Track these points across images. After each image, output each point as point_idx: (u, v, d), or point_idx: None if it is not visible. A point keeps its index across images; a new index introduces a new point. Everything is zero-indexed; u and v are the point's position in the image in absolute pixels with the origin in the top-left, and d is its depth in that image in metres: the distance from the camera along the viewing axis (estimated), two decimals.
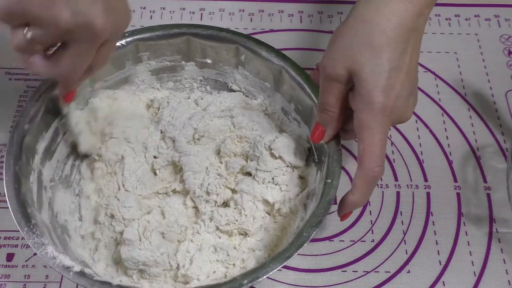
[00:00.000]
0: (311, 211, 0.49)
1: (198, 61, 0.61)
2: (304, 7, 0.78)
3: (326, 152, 0.52)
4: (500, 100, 0.70)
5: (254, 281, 0.44)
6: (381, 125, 0.45)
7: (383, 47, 0.45)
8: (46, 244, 0.45)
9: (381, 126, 0.45)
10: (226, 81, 0.62)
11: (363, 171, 0.46)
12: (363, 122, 0.46)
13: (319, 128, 0.51)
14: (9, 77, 0.69)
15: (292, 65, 0.56)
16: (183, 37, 0.58)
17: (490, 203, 0.62)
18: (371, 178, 0.46)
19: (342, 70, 0.46)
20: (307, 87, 0.55)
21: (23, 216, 0.46)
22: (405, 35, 0.45)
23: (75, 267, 0.44)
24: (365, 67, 0.45)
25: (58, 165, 0.56)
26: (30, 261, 0.56)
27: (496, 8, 0.78)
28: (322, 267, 0.57)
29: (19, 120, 0.51)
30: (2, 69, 0.69)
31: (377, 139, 0.45)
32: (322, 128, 0.51)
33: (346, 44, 0.46)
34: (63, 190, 0.56)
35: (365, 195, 0.47)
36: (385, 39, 0.45)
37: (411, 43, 0.46)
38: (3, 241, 0.57)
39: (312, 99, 0.55)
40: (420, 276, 0.57)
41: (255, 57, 0.58)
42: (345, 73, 0.46)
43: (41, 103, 0.52)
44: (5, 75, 0.69)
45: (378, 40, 0.45)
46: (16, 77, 0.68)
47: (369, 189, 0.47)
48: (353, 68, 0.46)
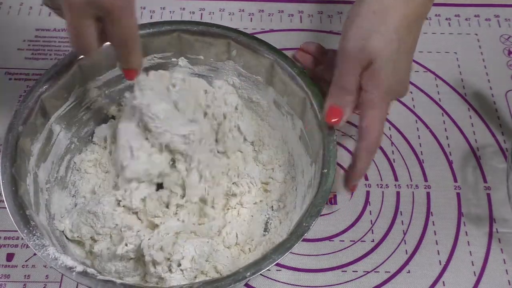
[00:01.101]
0: (309, 201, 0.49)
1: (189, 58, 0.61)
2: (304, 7, 0.78)
3: (322, 143, 0.52)
4: (500, 100, 0.70)
5: (257, 273, 0.44)
6: (384, 104, 0.50)
7: (398, 30, 0.47)
8: (47, 245, 0.45)
9: (384, 105, 0.50)
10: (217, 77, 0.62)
11: (366, 144, 0.50)
12: (370, 102, 0.49)
13: (337, 109, 0.51)
14: (9, 77, 0.69)
15: (284, 58, 0.56)
16: (174, 33, 0.58)
17: (490, 203, 0.62)
18: (373, 149, 0.50)
19: (363, 52, 0.48)
20: (299, 80, 0.55)
21: (22, 218, 0.46)
22: (414, 19, 0.49)
23: (77, 267, 0.44)
24: (383, 51, 0.47)
25: (53, 166, 0.56)
26: (30, 261, 0.56)
27: (496, 8, 0.78)
28: (322, 267, 0.57)
29: (13, 122, 0.50)
30: (2, 69, 0.69)
31: (380, 116, 0.50)
32: (340, 109, 0.51)
33: (365, 25, 0.48)
34: (59, 191, 0.56)
35: (368, 164, 0.51)
36: (399, 22, 0.47)
37: (415, 27, 0.50)
38: (3, 241, 0.57)
39: (304, 91, 0.55)
40: (420, 276, 0.57)
41: (246, 51, 0.58)
42: (365, 55, 0.48)
43: (34, 104, 0.52)
44: (5, 75, 0.69)
45: (393, 23, 0.47)
46: (16, 77, 0.69)
47: (370, 159, 0.51)
48: (371, 50, 0.47)
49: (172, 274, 0.49)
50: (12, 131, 0.50)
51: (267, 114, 0.62)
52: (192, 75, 0.60)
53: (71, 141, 0.58)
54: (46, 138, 0.54)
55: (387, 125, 0.67)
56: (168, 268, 0.49)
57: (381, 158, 0.64)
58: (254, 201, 0.58)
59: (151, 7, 0.77)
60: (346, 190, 0.54)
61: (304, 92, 0.55)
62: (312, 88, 0.54)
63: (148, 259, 0.49)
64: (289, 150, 0.60)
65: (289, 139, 0.60)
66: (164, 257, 0.49)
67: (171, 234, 0.50)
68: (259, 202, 0.58)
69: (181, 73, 0.58)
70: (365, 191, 0.62)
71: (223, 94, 0.60)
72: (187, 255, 0.49)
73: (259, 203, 0.58)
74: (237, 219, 0.56)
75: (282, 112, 0.60)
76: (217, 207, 0.56)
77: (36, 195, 0.51)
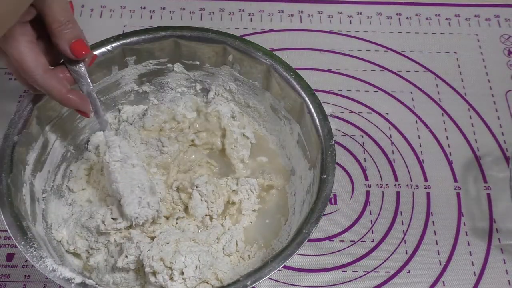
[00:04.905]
0: (308, 207, 0.49)
1: (185, 63, 0.60)
2: (304, 7, 0.78)
3: (320, 149, 0.52)
4: (500, 100, 0.70)
5: (258, 281, 0.44)
6: None
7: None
8: (44, 257, 0.45)
9: None
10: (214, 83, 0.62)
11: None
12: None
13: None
14: (9, 77, 0.69)
15: (280, 62, 0.56)
16: (169, 39, 0.57)
17: (490, 203, 0.62)
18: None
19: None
20: (296, 84, 0.55)
21: (19, 229, 0.45)
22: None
23: (76, 279, 0.44)
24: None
25: (49, 175, 0.55)
26: (30, 261, 0.56)
27: (496, 8, 0.78)
28: (322, 267, 0.57)
29: (8, 132, 0.50)
30: (2, 69, 0.69)
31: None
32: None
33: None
34: (55, 200, 0.56)
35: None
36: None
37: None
38: (3, 241, 0.57)
39: (301, 96, 0.54)
40: (420, 276, 0.57)
41: (242, 56, 0.57)
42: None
43: (29, 112, 0.51)
44: (5, 75, 0.69)
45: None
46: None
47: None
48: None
49: (174, 283, 0.48)
50: (7, 141, 0.49)
51: (264, 119, 0.62)
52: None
53: (67, 149, 0.58)
54: (42, 147, 0.53)
55: (387, 125, 0.67)
56: (170, 277, 0.49)
57: (381, 158, 0.64)
58: (253, 208, 0.57)
59: (151, 7, 0.77)
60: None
61: (301, 97, 0.55)
62: (308, 92, 0.54)
63: (149, 270, 0.49)
64: (287, 155, 0.60)
65: (287, 144, 0.60)
66: (165, 266, 0.49)
67: (171, 242, 0.50)
68: (258, 209, 0.58)
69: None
70: (365, 191, 0.62)
71: (213, 109, 0.61)
72: (189, 264, 0.49)
73: (258, 210, 0.58)
74: (237, 227, 0.56)
75: (279, 117, 0.60)
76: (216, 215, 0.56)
77: (32, 205, 0.51)
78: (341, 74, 0.71)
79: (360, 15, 0.77)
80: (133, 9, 0.76)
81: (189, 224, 0.54)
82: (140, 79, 0.61)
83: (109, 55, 0.56)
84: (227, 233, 0.55)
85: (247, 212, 0.57)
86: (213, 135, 0.61)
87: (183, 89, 0.63)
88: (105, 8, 0.76)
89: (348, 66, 0.72)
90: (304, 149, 0.56)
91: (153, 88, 0.63)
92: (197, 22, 0.75)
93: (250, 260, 0.54)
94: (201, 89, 0.63)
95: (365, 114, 0.68)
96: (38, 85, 0.45)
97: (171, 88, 0.63)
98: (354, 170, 0.64)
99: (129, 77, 0.60)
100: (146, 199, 0.51)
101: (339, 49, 0.73)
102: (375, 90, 0.70)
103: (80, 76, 0.48)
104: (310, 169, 0.54)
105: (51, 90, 0.46)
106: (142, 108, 0.63)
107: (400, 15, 0.77)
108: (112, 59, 0.57)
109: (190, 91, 0.64)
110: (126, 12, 0.76)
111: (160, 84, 0.63)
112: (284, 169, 0.60)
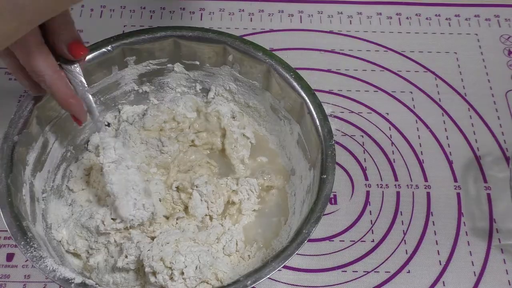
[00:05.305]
0: (308, 207, 0.49)
1: (185, 63, 0.60)
2: (304, 7, 0.78)
3: (320, 149, 0.52)
4: (500, 100, 0.70)
5: (258, 281, 0.44)
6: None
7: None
8: (44, 257, 0.45)
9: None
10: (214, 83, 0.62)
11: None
12: None
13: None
14: (9, 77, 0.69)
15: (280, 62, 0.56)
16: (169, 39, 0.57)
17: (490, 203, 0.62)
18: None
19: None
20: (296, 84, 0.55)
21: (19, 229, 0.45)
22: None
23: (76, 279, 0.44)
24: None
25: (49, 175, 0.55)
26: (30, 261, 0.56)
27: (496, 8, 0.78)
28: (322, 267, 0.57)
29: (8, 132, 0.50)
30: (2, 69, 0.69)
31: None
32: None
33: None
34: (55, 200, 0.56)
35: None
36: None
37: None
38: (3, 241, 0.57)
39: (301, 96, 0.54)
40: (420, 276, 0.57)
41: (242, 56, 0.57)
42: None
43: (29, 113, 0.51)
44: (5, 75, 0.69)
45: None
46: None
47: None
48: None
49: (174, 283, 0.48)
50: (7, 141, 0.49)
51: (264, 119, 0.62)
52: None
53: (66, 149, 0.58)
54: (42, 147, 0.53)
55: (387, 125, 0.67)
56: (170, 277, 0.49)
57: (381, 158, 0.64)
58: (253, 208, 0.57)
59: (151, 7, 0.77)
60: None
61: (301, 97, 0.55)
62: (308, 92, 0.54)
63: (149, 270, 0.48)
64: (287, 155, 0.60)
65: (287, 144, 0.60)
66: (165, 266, 0.49)
67: (171, 242, 0.50)
68: (258, 209, 0.58)
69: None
70: (365, 191, 0.62)
71: (213, 109, 0.61)
72: (190, 264, 0.49)
73: (258, 210, 0.58)
74: (237, 227, 0.56)
75: (279, 117, 0.60)
76: (216, 215, 0.56)
77: (32, 205, 0.51)
78: (341, 74, 0.71)
79: (360, 15, 0.77)
80: (133, 9, 0.76)
81: (189, 224, 0.54)
82: (140, 79, 0.61)
83: (109, 55, 0.56)
84: (227, 233, 0.55)
85: (247, 212, 0.57)
86: (213, 135, 0.61)
87: (183, 89, 0.64)
88: (105, 8, 0.76)
89: (348, 66, 0.72)
90: (304, 149, 0.56)
91: (153, 88, 0.63)
92: (197, 22, 0.75)
93: (250, 260, 0.54)
94: (201, 89, 0.63)
95: (365, 114, 0.68)
96: (46, 85, 0.46)
97: (171, 88, 0.63)
98: (354, 170, 0.64)
99: (129, 77, 0.60)
100: (141, 201, 0.51)
101: (339, 49, 0.73)
102: (375, 90, 0.70)
103: (75, 77, 0.48)
104: (310, 169, 0.54)
105: (57, 91, 0.46)
106: (142, 108, 0.63)
107: (400, 15, 0.77)
108: (112, 59, 0.57)
109: (190, 91, 0.64)
110: (126, 12, 0.76)
111: (160, 84, 0.63)
112: (284, 169, 0.60)
